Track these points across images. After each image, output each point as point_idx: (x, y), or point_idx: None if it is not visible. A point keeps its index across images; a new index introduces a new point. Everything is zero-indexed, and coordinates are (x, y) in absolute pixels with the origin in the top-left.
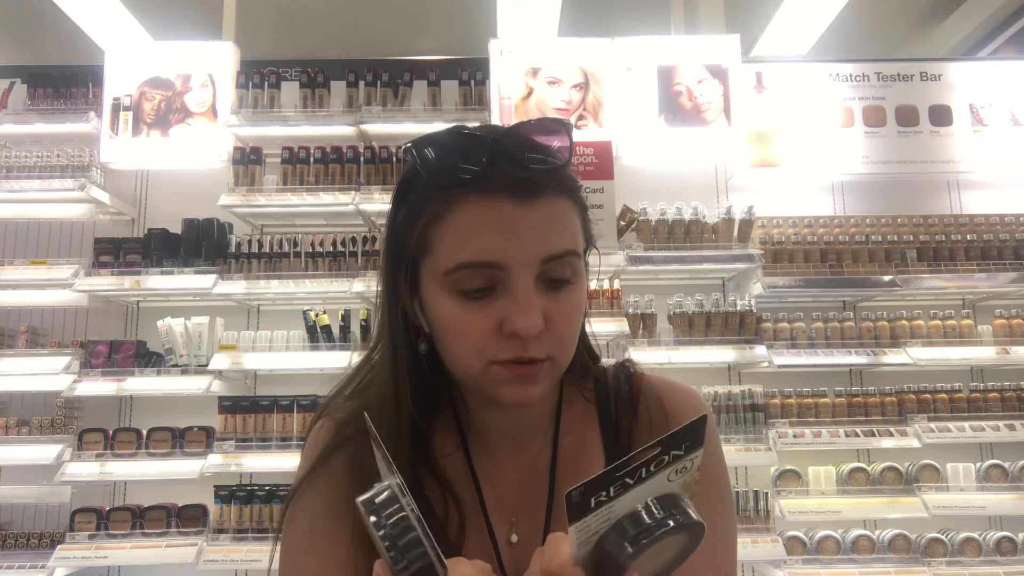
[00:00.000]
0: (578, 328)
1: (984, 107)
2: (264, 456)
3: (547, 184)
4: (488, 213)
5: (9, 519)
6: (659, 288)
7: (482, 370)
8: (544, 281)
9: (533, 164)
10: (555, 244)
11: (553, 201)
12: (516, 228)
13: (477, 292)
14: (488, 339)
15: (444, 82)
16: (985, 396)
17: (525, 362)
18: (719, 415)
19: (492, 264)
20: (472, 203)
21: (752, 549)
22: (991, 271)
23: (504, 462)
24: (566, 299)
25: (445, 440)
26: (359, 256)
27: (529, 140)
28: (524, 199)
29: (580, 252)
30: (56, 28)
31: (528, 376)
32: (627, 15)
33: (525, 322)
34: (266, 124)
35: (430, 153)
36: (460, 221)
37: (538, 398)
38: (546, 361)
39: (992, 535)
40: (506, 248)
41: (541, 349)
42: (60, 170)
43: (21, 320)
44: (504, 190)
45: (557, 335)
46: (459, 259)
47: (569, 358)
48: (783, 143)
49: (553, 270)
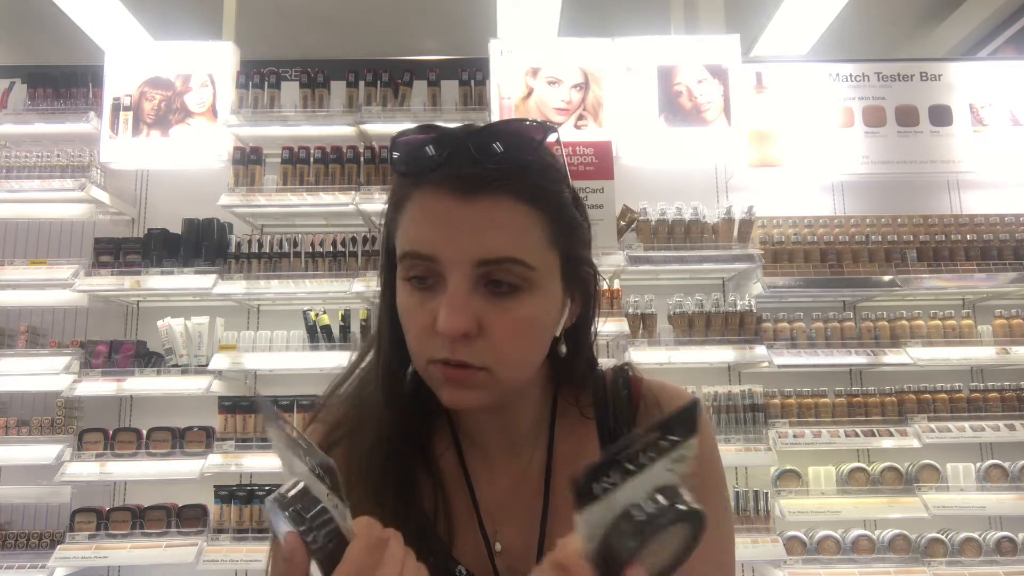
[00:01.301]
0: (529, 342)
1: (984, 107)
2: (264, 456)
3: (493, 183)
4: (431, 205)
5: (9, 519)
6: (659, 288)
7: (423, 368)
8: (486, 284)
9: (485, 160)
10: (493, 248)
11: (500, 201)
12: (453, 225)
13: (420, 283)
14: (426, 335)
15: (444, 82)
16: (985, 396)
17: (454, 364)
18: (719, 415)
19: (427, 257)
20: (422, 195)
21: (752, 549)
22: (991, 271)
23: (498, 466)
24: (512, 308)
25: (441, 441)
26: (359, 256)
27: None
28: (466, 195)
29: (529, 263)
30: (56, 28)
31: (457, 380)
32: (627, 15)
33: (447, 322)
34: (266, 124)
35: (402, 144)
36: (410, 211)
37: (477, 406)
38: (481, 371)
39: (992, 535)
40: (440, 243)
41: (473, 356)
42: (60, 170)
43: (21, 320)
44: (450, 184)
45: (496, 344)
46: (404, 248)
47: (517, 373)
48: (783, 143)
49: (494, 273)
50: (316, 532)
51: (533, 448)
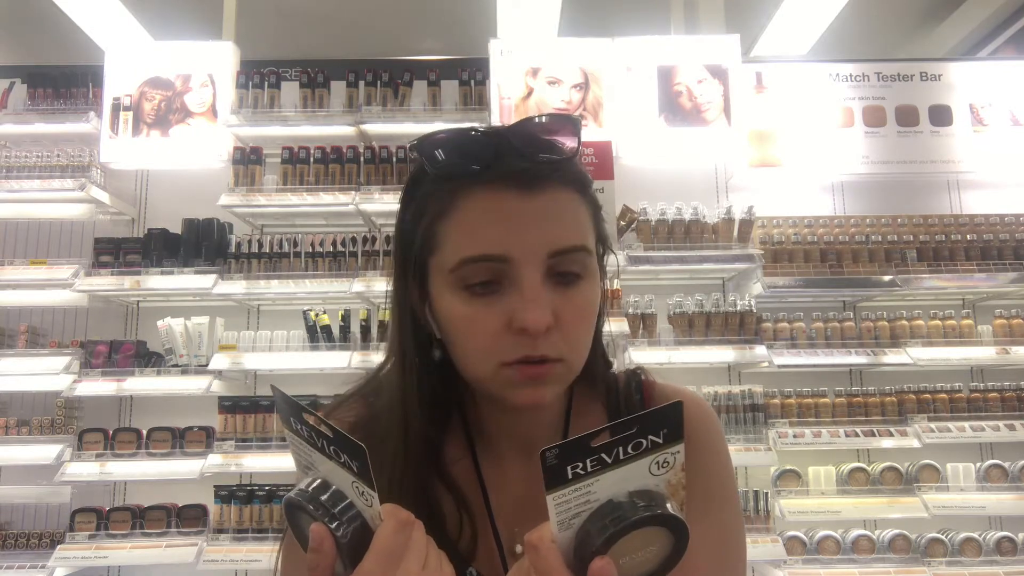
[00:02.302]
0: (590, 329)
1: (984, 107)
2: (264, 456)
3: (552, 175)
4: (492, 205)
5: (9, 519)
6: (659, 288)
7: (493, 373)
8: (553, 276)
9: (537, 155)
10: (562, 238)
11: (559, 193)
12: (521, 220)
13: (483, 288)
14: (496, 338)
15: (444, 82)
16: (985, 396)
17: (535, 361)
18: (719, 415)
19: (497, 257)
20: (476, 196)
21: (752, 549)
22: (991, 271)
23: (511, 470)
24: (577, 296)
25: (454, 447)
26: (359, 256)
27: (534, 134)
28: (529, 190)
29: (590, 249)
30: (56, 28)
31: (539, 377)
32: (627, 15)
33: (533, 316)
34: (266, 124)
35: (437, 148)
36: (464, 215)
37: (550, 400)
38: (558, 362)
39: (992, 535)
40: (511, 240)
41: (552, 348)
42: (60, 170)
43: (21, 320)
44: (508, 181)
45: (568, 334)
46: (463, 254)
47: (582, 361)
48: (783, 143)
49: (561, 264)
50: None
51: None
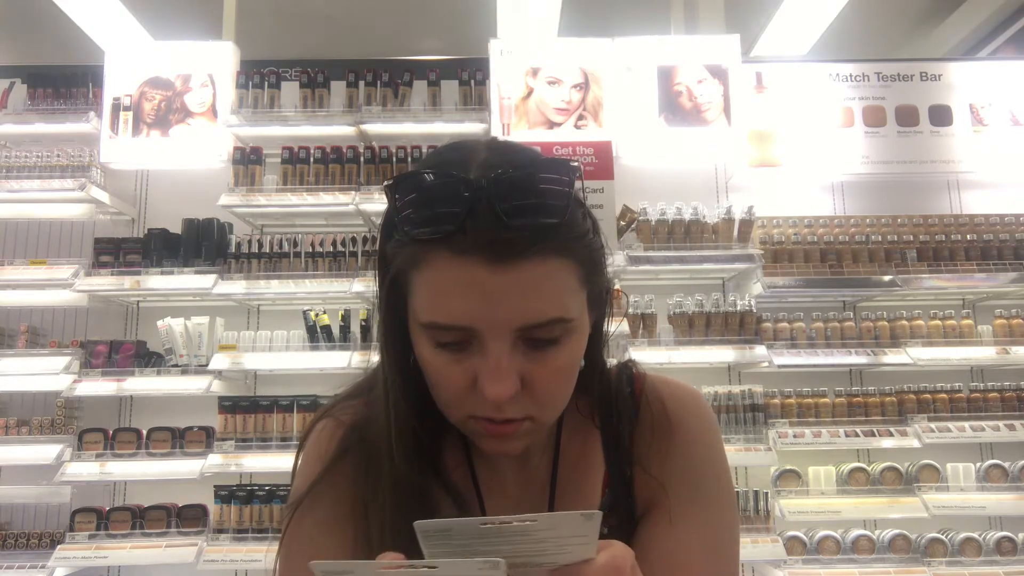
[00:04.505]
0: (568, 383)
1: (984, 107)
2: (264, 456)
3: (531, 246)
4: (460, 276)
5: (9, 519)
6: (659, 288)
7: (461, 421)
8: (525, 341)
9: (516, 221)
10: (535, 312)
11: (538, 265)
12: (490, 294)
13: (454, 346)
14: (463, 393)
15: (444, 82)
16: (985, 396)
17: (499, 422)
18: (719, 415)
19: (463, 328)
20: (445, 261)
21: (752, 549)
22: (991, 271)
23: (507, 475)
24: (552, 360)
25: (452, 455)
26: (359, 256)
27: (517, 190)
28: (501, 263)
29: (570, 318)
30: (56, 28)
31: (504, 434)
32: (627, 15)
33: (493, 389)
34: (266, 124)
35: (407, 198)
36: (433, 277)
37: (519, 451)
38: (525, 420)
39: (992, 535)
40: (477, 314)
41: (518, 410)
42: (60, 170)
43: (21, 320)
44: (479, 251)
45: (539, 396)
46: (430, 318)
47: (555, 414)
48: (783, 143)
49: (535, 333)
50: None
51: (540, 455)
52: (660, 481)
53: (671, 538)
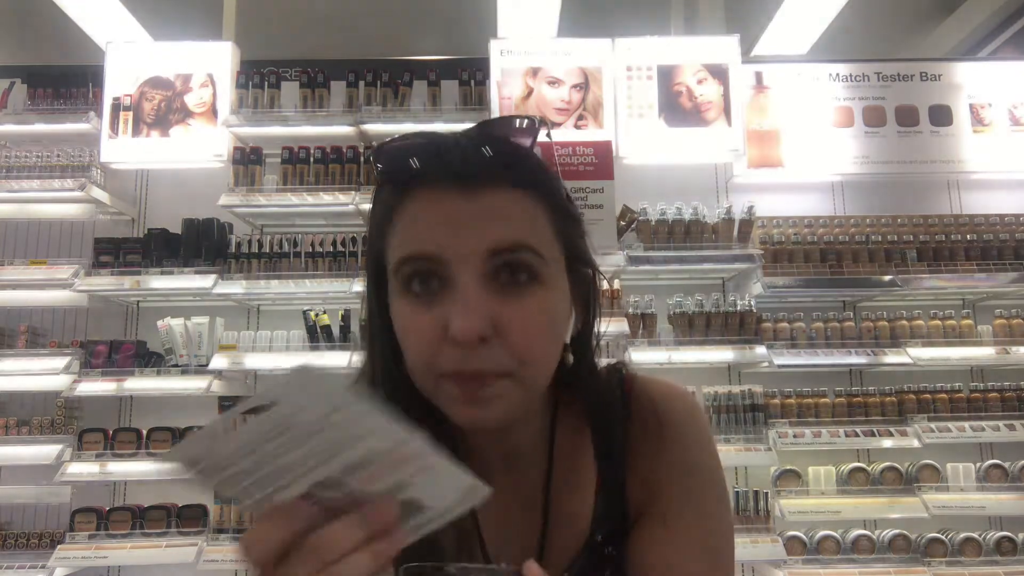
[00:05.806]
0: (550, 340)
1: (984, 107)
2: None
3: (498, 174)
4: (430, 205)
5: (9, 519)
6: (659, 288)
7: (433, 386)
8: (497, 279)
9: (486, 150)
10: (502, 236)
11: (505, 192)
12: (458, 218)
13: (423, 289)
14: (433, 346)
15: (444, 82)
16: (985, 396)
17: (469, 376)
18: (719, 415)
19: (431, 256)
20: (418, 196)
21: (752, 549)
22: (991, 271)
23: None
24: (527, 302)
25: None
26: (359, 256)
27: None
28: (471, 189)
29: (538, 250)
30: (56, 28)
31: (477, 397)
32: (627, 15)
33: (460, 323)
34: (266, 124)
35: (387, 151)
36: (406, 214)
37: (496, 422)
38: (503, 378)
39: (992, 535)
40: (446, 240)
41: (491, 361)
42: (60, 170)
43: (21, 320)
44: (449, 179)
45: (514, 345)
46: (400, 253)
47: (540, 375)
48: (783, 143)
49: (507, 264)
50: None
51: (532, 461)
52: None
53: (665, 540)
